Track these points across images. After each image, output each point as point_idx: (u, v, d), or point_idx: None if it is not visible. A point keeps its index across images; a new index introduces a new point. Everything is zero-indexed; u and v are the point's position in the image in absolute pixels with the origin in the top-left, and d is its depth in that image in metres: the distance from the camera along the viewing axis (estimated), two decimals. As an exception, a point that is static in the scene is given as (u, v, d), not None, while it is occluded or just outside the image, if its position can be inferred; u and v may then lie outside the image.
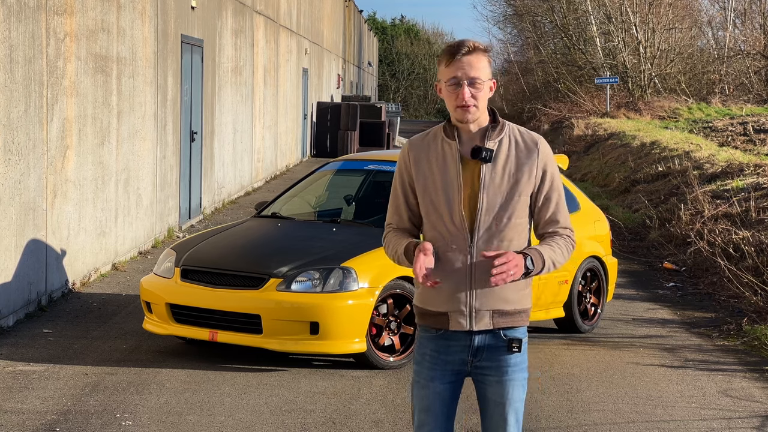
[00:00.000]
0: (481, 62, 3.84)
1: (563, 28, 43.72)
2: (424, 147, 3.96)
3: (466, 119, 3.85)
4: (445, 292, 3.86)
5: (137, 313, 9.40)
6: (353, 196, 9.33)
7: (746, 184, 14.53)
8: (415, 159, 3.95)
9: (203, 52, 16.26)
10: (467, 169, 3.87)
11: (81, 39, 10.49)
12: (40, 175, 9.39)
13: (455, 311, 3.86)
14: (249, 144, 20.94)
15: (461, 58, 3.82)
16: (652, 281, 12.12)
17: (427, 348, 3.93)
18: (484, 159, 3.84)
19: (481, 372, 3.90)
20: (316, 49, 33.44)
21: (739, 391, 7.51)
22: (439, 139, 3.94)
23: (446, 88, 3.86)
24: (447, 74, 3.84)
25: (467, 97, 3.81)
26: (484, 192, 3.84)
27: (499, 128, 3.91)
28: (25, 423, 6.40)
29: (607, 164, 23.52)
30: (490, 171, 3.86)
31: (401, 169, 3.99)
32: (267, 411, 6.74)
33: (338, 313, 7.55)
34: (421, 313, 3.95)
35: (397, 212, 4.01)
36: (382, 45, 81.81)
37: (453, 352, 3.89)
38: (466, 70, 3.81)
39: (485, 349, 3.88)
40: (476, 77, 3.81)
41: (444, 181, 3.87)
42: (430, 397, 3.92)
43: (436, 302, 3.89)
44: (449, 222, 3.86)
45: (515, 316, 3.91)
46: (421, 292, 3.95)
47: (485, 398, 3.92)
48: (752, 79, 40.76)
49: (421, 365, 3.94)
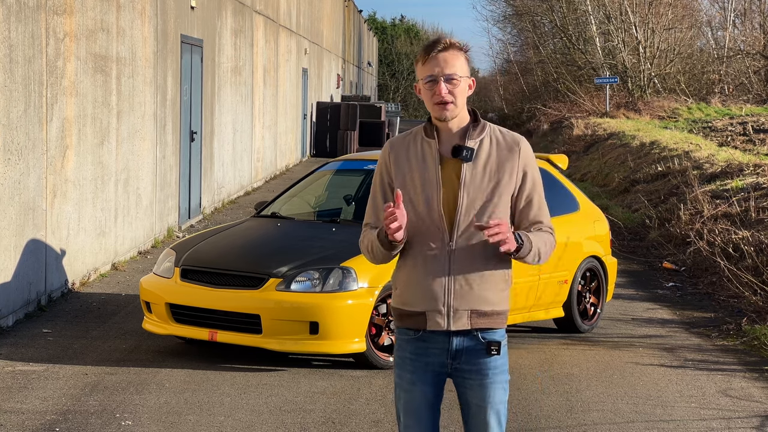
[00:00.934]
0: (457, 59, 3.82)
1: (563, 28, 43.73)
2: (404, 146, 3.94)
3: (444, 116, 3.83)
4: (423, 292, 3.84)
5: (137, 313, 9.40)
6: (353, 196, 9.33)
7: (746, 184, 14.53)
8: (395, 158, 3.94)
9: (203, 52, 16.27)
10: (447, 168, 3.86)
11: (81, 39, 10.49)
12: (39, 175, 9.39)
13: (433, 310, 3.84)
14: (249, 144, 20.95)
15: (437, 55, 3.81)
16: (651, 281, 12.12)
17: (406, 351, 3.91)
18: (465, 158, 3.83)
19: (461, 375, 3.87)
20: (316, 49, 33.44)
21: (738, 391, 7.51)
22: (419, 138, 3.92)
23: (424, 86, 3.85)
24: (424, 72, 3.84)
25: (444, 93, 3.80)
26: (464, 191, 3.82)
27: (480, 128, 3.89)
28: (25, 423, 6.40)
29: (606, 164, 23.53)
30: (471, 170, 3.84)
31: (381, 169, 3.98)
32: (267, 411, 6.75)
33: (338, 313, 7.55)
34: (399, 314, 3.93)
35: (375, 212, 3.99)
36: (382, 45, 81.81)
37: (432, 354, 3.87)
38: (443, 67, 3.80)
39: (464, 351, 3.85)
40: (452, 74, 3.80)
41: (423, 179, 3.86)
42: (414, 400, 3.90)
43: (413, 302, 3.87)
44: (428, 221, 3.84)
45: (493, 317, 3.86)
46: (399, 294, 3.92)
47: (466, 401, 3.89)
48: (752, 79, 40.77)
49: (402, 368, 3.92)
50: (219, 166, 17.86)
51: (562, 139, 30.69)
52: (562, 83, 41.81)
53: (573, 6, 42.65)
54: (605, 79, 35.43)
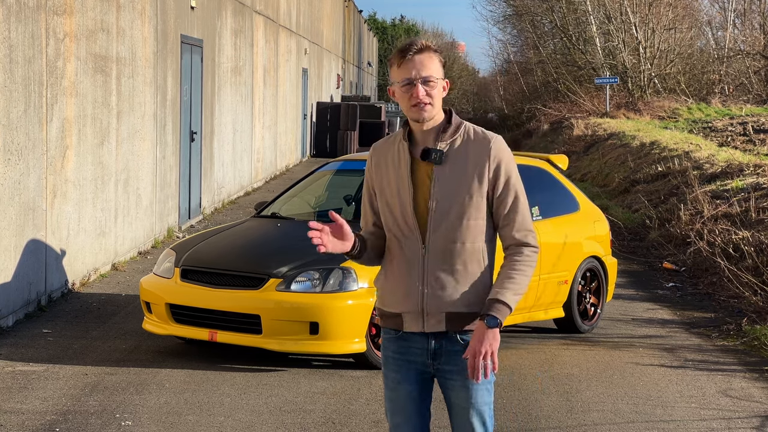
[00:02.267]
0: (432, 62, 3.81)
1: (563, 28, 43.71)
2: (384, 150, 3.96)
3: (422, 117, 3.82)
4: (400, 294, 3.87)
5: (137, 313, 9.40)
6: (353, 196, 9.33)
7: (746, 184, 14.53)
8: (376, 162, 3.97)
9: (203, 52, 16.26)
10: (420, 170, 3.86)
11: (80, 39, 10.49)
12: (39, 175, 9.39)
13: (408, 312, 3.86)
14: (249, 144, 20.95)
15: (412, 57, 3.80)
16: (651, 281, 12.12)
17: (389, 350, 3.94)
18: (434, 160, 3.83)
19: (443, 376, 3.88)
20: (316, 49, 33.44)
21: (738, 392, 7.50)
22: (397, 141, 3.93)
23: (399, 89, 3.84)
24: (399, 75, 3.83)
25: (422, 95, 3.79)
26: (435, 194, 3.82)
27: (452, 129, 3.87)
28: (25, 423, 6.39)
29: (606, 164, 23.52)
30: (442, 172, 3.83)
31: (366, 173, 4.02)
32: (267, 411, 6.74)
33: (338, 313, 7.55)
34: (381, 314, 3.97)
35: (364, 217, 4.05)
36: (382, 45, 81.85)
37: (413, 353, 3.89)
38: (419, 69, 3.79)
39: (443, 353, 3.86)
40: (429, 76, 3.79)
41: (397, 182, 3.87)
42: (401, 399, 3.92)
43: (391, 303, 3.91)
44: (402, 223, 3.86)
45: (469, 318, 3.84)
46: (380, 295, 3.97)
47: (450, 402, 3.90)
48: (752, 79, 40.76)
49: (387, 368, 3.95)
50: (219, 166, 17.86)
51: (562, 140, 30.68)
52: (562, 83, 41.79)
53: (573, 6, 42.63)
54: (605, 79, 35.41)
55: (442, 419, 4.15)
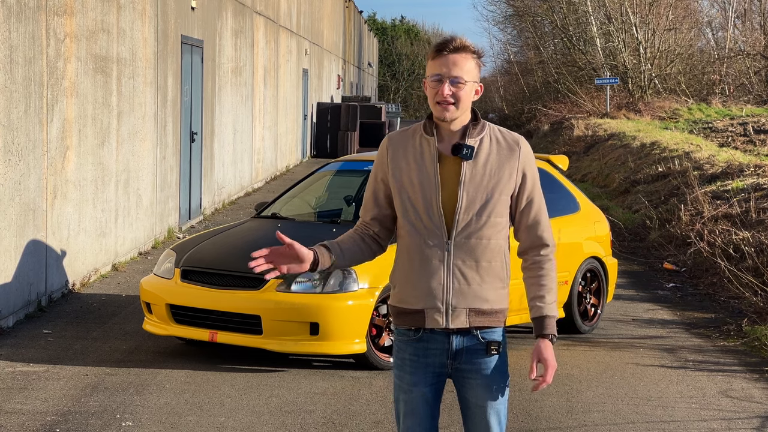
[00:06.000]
0: (466, 62, 3.79)
1: (563, 28, 43.73)
2: (402, 143, 3.91)
3: (444, 116, 3.80)
4: (422, 289, 3.83)
5: (137, 313, 9.40)
6: (353, 196, 9.32)
7: (746, 185, 14.53)
8: (393, 154, 3.91)
9: (203, 53, 16.27)
10: (446, 166, 3.84)
11: (81, 40, 10.50)
12: (40, 176, 9.39)
13: (431, 308, 3.82)
14: (249, 144, 20.95)
15: (447, 55, 3.78)
16: (652, 282, 12.12)
17: (406, 353, 3.89)
18: (465, 156, 3.81)
19: (461, 375, 3.86)
20: (316, 49, 33.45)
21: (739, 392, 7.51)
22: (418, 135, 3.89)
23: (429, 83, 3.83)
24: (431, 69, 3.82)
25: (446, 93, 3.77)
26: (463, 189, 3.81)
27: (479, 127, 3.87)
28: (25, 424, 6.40)
29: (607, 165, 23.52)
30: (471, 168, 3.82)
31: (377, 165, 3.96)
32: (267, 412, 6.75)
33: (338, 314, 7.55)
34: (397, 312, 3.91)
35: (364, 207, 4.00)
36: (382, 45, 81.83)
37: (432, 354, 3.85)
38: (450, 68, 3.77)
39: (464, 351, 3.84)
40: (458, 76, 3.77)
41: (421, 177, 3.84)
42: (415, 401, 3.88)
43: (412, 300, 3.85)
44: (426, 218, 3.83)
45: (492, 315, 3.85)
46: (397, 292, 3.91)
47: (466, 401, 3.88)
48: (752, 79, 40.77)
49: (402, 370, 3.90)
50: (219, 166, 17.86)
51: (563, 140, 30.69)
52: (562, 84, 41.82)
53: (573, 6, 42.64)
54: (606, 79, 35.41)
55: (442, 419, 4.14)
